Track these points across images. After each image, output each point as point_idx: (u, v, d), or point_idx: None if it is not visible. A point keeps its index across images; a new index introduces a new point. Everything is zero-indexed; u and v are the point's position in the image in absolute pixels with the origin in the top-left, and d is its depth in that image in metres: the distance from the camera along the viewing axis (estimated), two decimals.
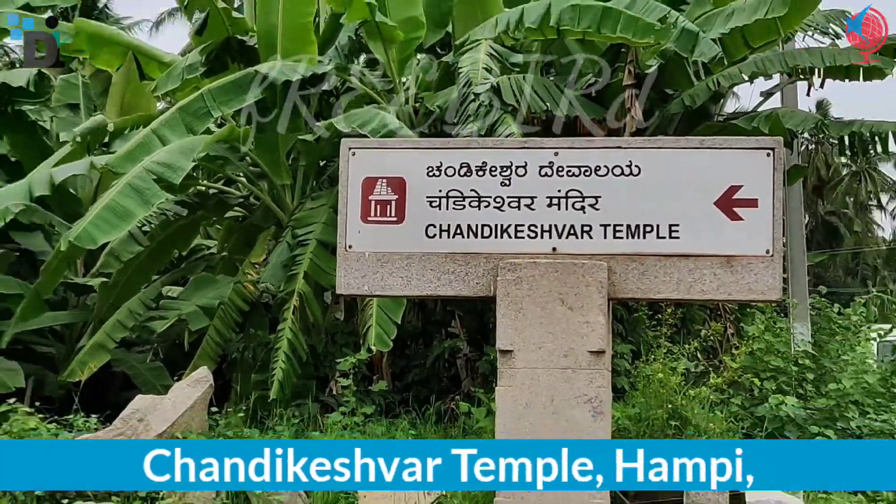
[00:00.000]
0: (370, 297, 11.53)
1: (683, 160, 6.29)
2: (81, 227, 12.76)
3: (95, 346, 14.89)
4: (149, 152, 13.45)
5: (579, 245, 6.21)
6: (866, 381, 14.29)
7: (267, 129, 14.94)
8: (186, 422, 10.68)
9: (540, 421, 6.06)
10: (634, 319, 13.61)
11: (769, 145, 6.20)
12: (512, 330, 6.13)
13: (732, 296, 6.21)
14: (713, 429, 10.70)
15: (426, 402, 13.37)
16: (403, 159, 6.50)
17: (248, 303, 14.80)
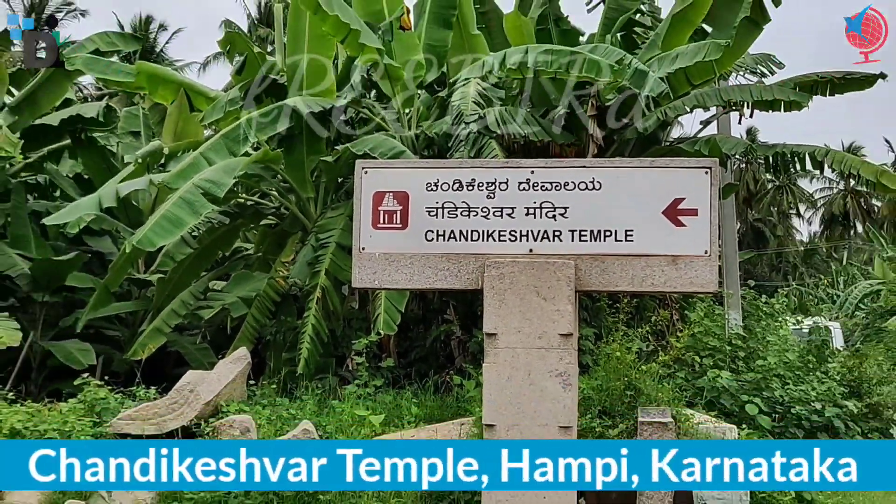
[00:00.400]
0: (380, 289, 11.51)
1: (637, 177, 6.29)
2: (142, 233, 12.74)
3: (154, 330, 14.89)
4: (197, 171, 13.42)
5: (551, 247, 6.22)
6: (787, 358, 14.31)
7: (294, 151, 14.94)
8: (229, 392, 10.69)
9: (519, 391, 6.06)
10: (597, 307, 13.60)
11: (707, 165, 6.22)
12: (496, 316, 6.14)
13: (677, 288, 6.24)
14: (662, 397, 10.69)
15: (426, 376, 13.34)
16: (406, 177, 6.50)
17: (280, 294, 14.78)
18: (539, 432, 6.02)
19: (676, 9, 14.97)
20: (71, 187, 18.73)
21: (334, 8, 13.44)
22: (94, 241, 17.78)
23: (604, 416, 10.46)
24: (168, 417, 10.10)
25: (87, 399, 10.57)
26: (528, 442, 5.84)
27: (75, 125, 17.77)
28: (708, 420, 11.04)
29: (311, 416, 10.70)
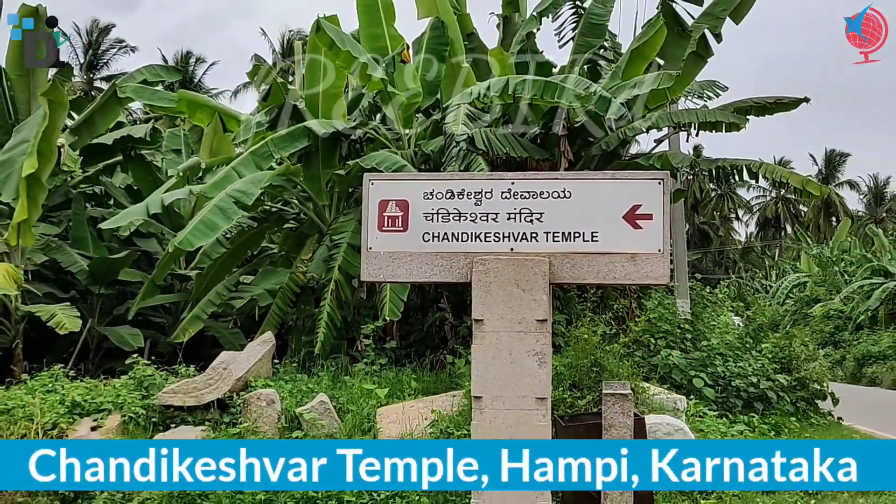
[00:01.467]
0: (384, 282, 11.53)
1: (601, 187, 6.31)
2: (183, 235, 12.72)
3: (193, 317, 14.86)
4: (230, 183, 13.41)
5: (529, 246, 6.23)
6: (728, 339, 14.36)
7: (312, 166, 14.93)
8: (257, 369, 10.67)
9: (502, 368, 6.07)
10: (567, 297, 13.61)
11: (660, 176, 6.23)
12: (482, 305, 6.14)
13: (636, 281, 6.26)
14: (622, 373, 10.70)
15: (423, 356, 13.33)
16: (407, 187, 6.51)
17: (300, 287, 14.77)
18: (519, 402, 6.03)
19: (634, 45, 15.04)
20: (122, 197, 18.70)
21: (346, 44, 13.44)
22: (143, 242, 17.74)
23: (574, 388, 10.48)
24: (205, 391, 10.09)
25: (136, 376, 10.57)
26: (527, 442, 5.74)
27: (126, 144, 17.74)
28: (661, 392, 11.07)
29: (327, 389, 10.70)
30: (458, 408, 9.97)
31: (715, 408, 12.21)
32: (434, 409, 9.95)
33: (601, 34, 16.23)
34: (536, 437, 5.98)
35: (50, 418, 9.51)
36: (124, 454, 5.42)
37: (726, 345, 14.12)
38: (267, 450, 5.48)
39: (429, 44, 15.57)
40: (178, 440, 8.49)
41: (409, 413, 10.01)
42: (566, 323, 13.07)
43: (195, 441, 8.95)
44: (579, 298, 13.60)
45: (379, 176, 6.84)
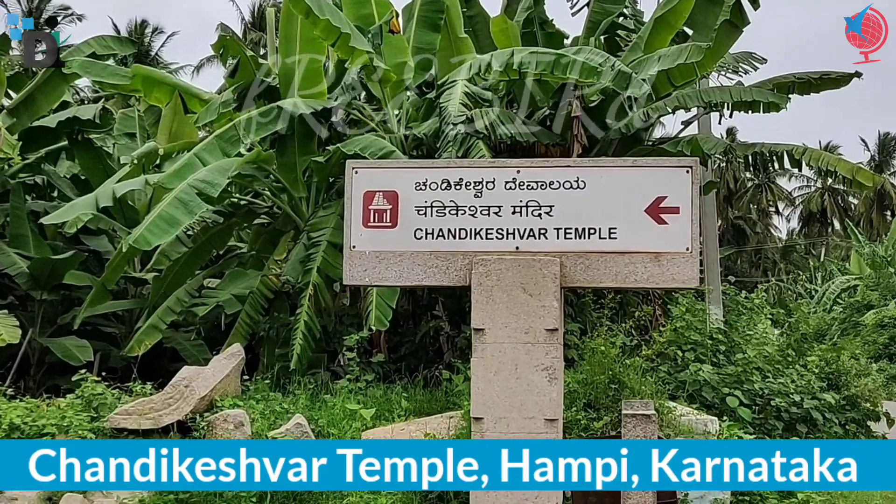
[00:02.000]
0: (370, 286, 11.53)
1: (620, 176, 6.31)
2: (138, 232, 12.72)
3: (150, 327, 14.86)
4: (192, 171, 13.39)
5: (537, 244, 6.23)
6: (767, 352, 14.36)
7: (287, 152, 14.92)
8: (223, 387, 10.68)
9: (506, 385, 6.07)
10: (582, 303, 13.62)
11: (688, 164, 6.23)
12: (483, 312, 6.15)
13: (660, 284, 6.25)
14: (645, 390, 10.71)
15: (415, 371, 13.35)
16: (396, 176, 6.51)
17: (273, 292, 14.78)
18: (526, 425, 6.03)
19: (658, 12, 15.02)
20: (68, 188, 18.69)
21: (325, 12, 13.41)
22: (92, 241, 17.74)
23: (589, 408, 10.48)
24: (164, 412, 10.09)
25: (84, 394, 10.55)
26: (527, 442, 5.81)
27: (72, 127, 17.72)
28: (690, 412, 11.06)
29: (304, 410, 10.70)
30: (456, 431, 9.97)
31: (752, 430, 12.19)
32: (427, 433, 9.95)
33: (620, 0, 16.23)
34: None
35: None
36: (124, 454, 5.81)
37: (765, 358, 14.10)
38: (267, 450, 5.87)
39: (421, 11, 15.59)
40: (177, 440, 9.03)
41: (399, 436, 10.00)
42: (580, 333, 13.08)
43: (195, 441, 9.25)
44: (595, 305, 13.60)
45: (364, 163, 6.83)
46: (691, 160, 6.30)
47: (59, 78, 17.21)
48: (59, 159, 19.22)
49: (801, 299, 46.82)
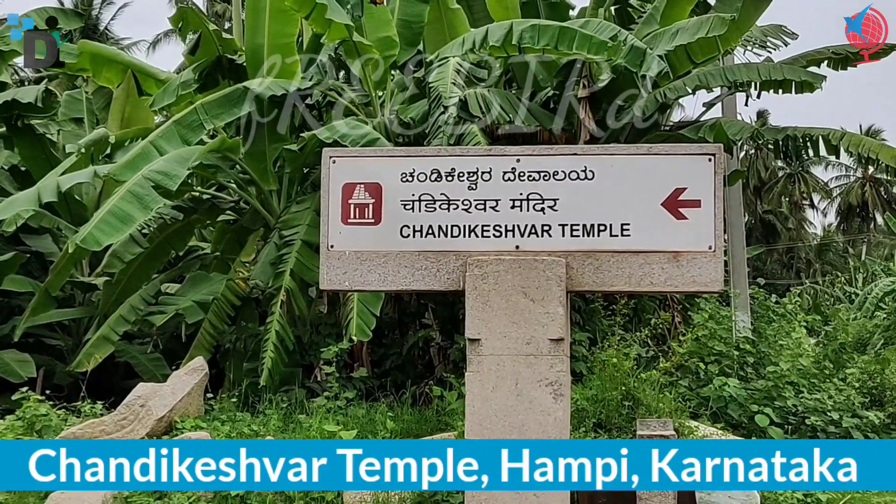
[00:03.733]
0: (351, 291, 11.55)
1: (633, 165, 6.31)
2: (87, 231, 12.71)
3: (100, 338, 14.86)
4: (147, 162, 13.40)
5: (540, 243, 6.23)
6: (801, 364, 14.40)
7: (255, 140, 14.93)
8: (184, 406, 10.69)
9: (505, 403, 6.08)
10: (591, 310, 13.66)
11: (710, 151, 6.24)
12: (479, 320, 6.15)
13: (679, 288, 6.26)
14: (663, 408, 10.75)
15: (402, 387, 13.40)
16: (379, 166, 6.50)
17: (240, 298, 14.80)
18: None
19: None
20: (7, 180, 18.67)
21: None
22: (33, 241, 17.72)
23: (599, 429, 10.53)
24: (116, 435, 10.11)
25: (26, 416, 10.57)
26: (527, 442, 5.88)
27: (11, 111, 17.70)
28: (714, 433, 11.10)
29: (276, 432, 10.73)
30: None
31: None
32: None
33: None
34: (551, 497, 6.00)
35: None
36: (124, 454, 6.09)
37: (799, 371, 14.14)
38: (267, 450, 6.13)
39: None
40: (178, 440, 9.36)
41: None
42: (589, 343, 13.12)
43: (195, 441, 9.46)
44: (606, 312, 13.64)
45: (342, 152, 6.82)
46: (714, 147, 6.30)
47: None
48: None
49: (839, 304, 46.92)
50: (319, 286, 6.56)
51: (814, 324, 19.26)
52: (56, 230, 17.61)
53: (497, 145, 13.54)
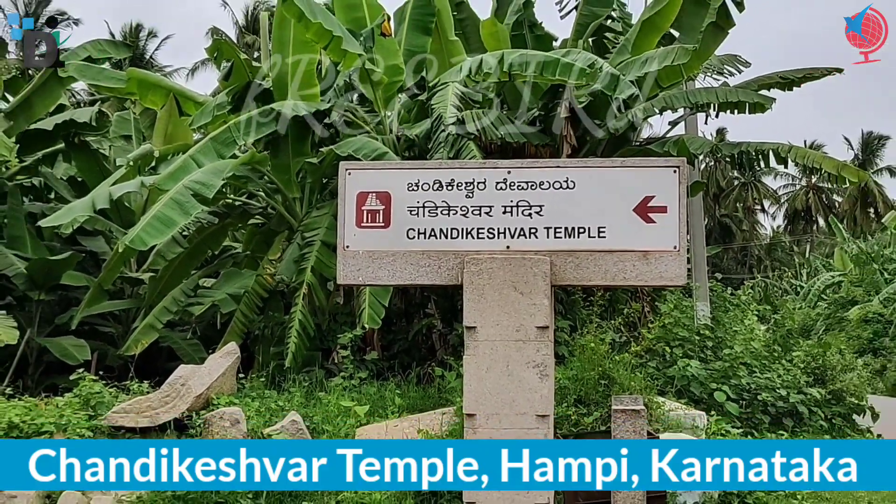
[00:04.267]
0: (363, 286, 11.54)
1: (608, 176, 6.33)
2: (135, 233, 12.69)
3: (146, 326, 14.87)
4: (187, 173, 13.39)
5: (528, 244, 6.25)
6: (753, 347, 14.42)
7: (281, 154, 14.93)
8: (219, 385, 10.66)
9: (498, 382, 6.09)
10: (572, 301, 13.65)
11: (675, 164, 6.26)
12: (475, 311, 6.16)
13: (648, 282, 6.28)
14: (634, 386, 10.75)
15: (408, 368, 13.38)
16: (389, 177, 6.52)
17: (267, 291, 14.76)
18: (517, 421, 6.05)
19: (645, 15, 15.08)
20: (65, 189, 18.67)
21: (317, 15, 13.43)
22: (88, 241, 17.73)
23: (579, 404, 10.51)
24: (161, 410, 10.07)
25: (82, 393, 10.52)
26: (526, 442, 5.80)
27: (69, 130, 17.72)
28: (678, 407, 11.11)
29: (299, 407, 10.70)
30: (449, 427, 9.98)
31: (739, 424, 12.23)
32: (421, 429, 9.96)
33: (608, 3, 16.29)
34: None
35: None
36: (124, 454, 5.86)
37: (752, 353, 14.16)
38: (267, 450, 5.92)
39: (412, 14, 15.62)
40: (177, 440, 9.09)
41: (393, 433, 10.02)
42: (570, 330, 13.12)
43: (195, 441, 9.26)
44: (585, 302, 13.64)
45: (356, 164, 6.84)
46: (678, 160, 6.33)
47: (56, 81, 17.21)
48: (56, 161, 19.19)
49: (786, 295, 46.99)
50: (336, 281, 6.57)
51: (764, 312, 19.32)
52: (108, 232, 17.63)
53: (490, 158, 13.56)
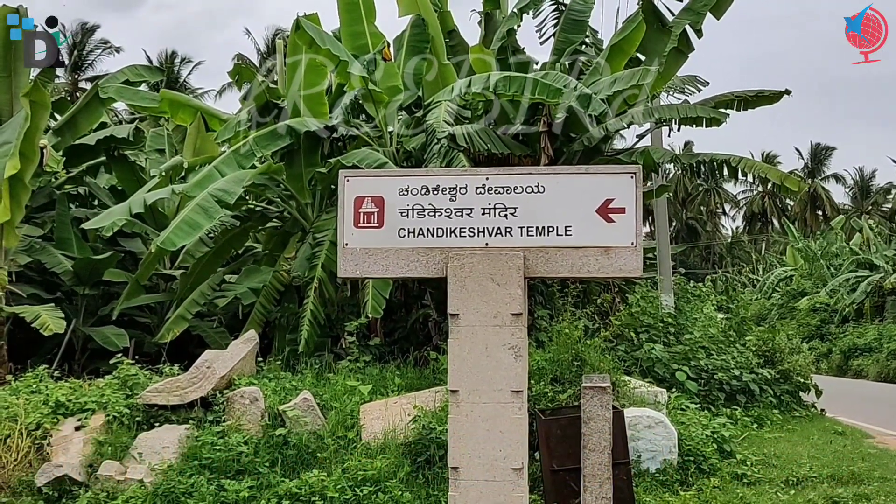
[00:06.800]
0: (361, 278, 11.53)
1: (574, 181, 6.36)
2: (166, 235, 12.75)
3: (178, 317, 14.93)
4: (212, 182, 13.44)
5: (504, 241, 6.27)
6: (711, 333, 14.50)
7: (294, 164, 14.98)
8: (241, 367, 10.74)
9: (478, 361, 6.12)
10: (550, 292, 13.71)
11: (632, 170, 6.29)
12: (458, 299, 6.19)
13: (609, 274, 6.30)
14: (604, 366, 10.81)
15: (407, 353, 13.43)
16: (382, 183, 6.54)
17: (283, 285, 14.84)
18: (495, 396, 6.08)
19: (614, 40, 15.16)
20: (106, 197, 18.72)
21: (326, 42, 13.49)
22: (127, 242, 17.79)
23: (555, 382, 10.58)
24: (189, 390, 10.15)
25: (121, 375, 10.61)
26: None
27: (109, 144, 17.77)
28: (643, 385, 11.19)
29: (310, 387, 10.77)
30: (441, 404, 10.05)
31: (697, 401, 12.31)
32: (416, 405, 10.03)
33: (582, 30, 16.32)
34: (512, 430, 6.04)
35: (34, 418, 9.57)
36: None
37: (709, 338, 14.26)
38: None
39: (410, 41, 15.66)
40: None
41: (392, 409, 10.10)
42: (549, 318, 13.17)
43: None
44: (561, 294, 13.70)
45: (354, 172, 6.88)
46: (635, 167, 6.35)
47: (98, 102, 17.25)
48: (99, 172, 19.27)
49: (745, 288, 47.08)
50: (338, 274, 6.60)
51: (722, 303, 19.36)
52: (144, 234, 17.69)
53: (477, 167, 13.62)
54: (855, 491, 9.24)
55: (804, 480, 9.82)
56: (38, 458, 9.24)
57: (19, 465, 9.10)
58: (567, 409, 9.50)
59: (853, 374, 31.16)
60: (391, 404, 10.26)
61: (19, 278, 15.39)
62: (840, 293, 36.55)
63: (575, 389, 10.13)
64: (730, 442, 10.64)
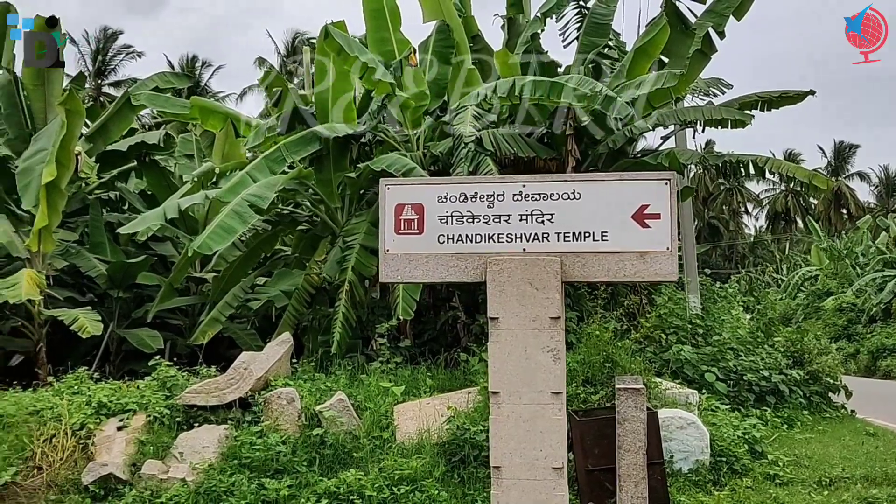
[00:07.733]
0: (401, 283, 11.71)
1: (610, 188, 6.47)
2: (202, 240, 12.89)
3: (211, 319, 15.12)
4: (245, 187, 13.58)
5: (541, 246, 6.39)
6: (739, 334, 14.51)
7: (324, 169, 15.14)
8: (276, 369, 10.89)
9: (518, 364, 6.26)
10: (578, 295, 13.77)
11: (667, 177, 6.41)
12: (497, 304, 6.33)
13: (645, 278, 6.41)
14: (634, 368, 10.87)
15: (437, 354, 13.51)
16: (422, 191, 6.68)
17: (314, 288, 14.95)
18: (535, 397, 6.22)
19: (638, 43, 15.23)
20: (137, 202, 18.99)
21: (353, 50, 13.64)
22: (158, 246, 18.03)
23: (587, 384, 10.65)
24: (227, 391, 10.32)
25: (159, 377, 10.81)
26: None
27: (140, 150, 18.06)
28: (673, 386, 11.25)
29: (344, 387, 10.90)
30: (474, 404, 10.17)
31: (727, 402, 12.35)
32: (450, 406, 10.16)
33: (605, 34, 16.37)
34: (552, 431, 6.19)
35: (78, 419, 9.80)
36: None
37: (738, 339, 14.25)
38: None
39: (435, 47, 15.79)
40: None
41: (426, 410, 10.23)
42: (577, 320, 13.24)
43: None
44: (590, 296, 13.76)
45: (394, 181, 7.03)
46: (669, 174, 6.47)
47: (129, 109, 17.54)
48: (130, 177, 19.51)
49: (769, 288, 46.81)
50: (379, 280, 6.74)
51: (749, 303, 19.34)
52: (175, 238, 17.94)
53: (504, 171, 13.74)
54: (889, 492, 9.19)
55: (837, 481, 9.79)
56: (83, 458, 9.45)
57: (65, 464, 9.33)
58: (600, 410, 9.58)
59: (882, 375, 30.90)
60: (424, 405, 10.39)
61: (55, 282, 15.70)
62: (867, 293, 36.30)
63: (607, 391, 10.22)
64: (761, 442, 10.67)
